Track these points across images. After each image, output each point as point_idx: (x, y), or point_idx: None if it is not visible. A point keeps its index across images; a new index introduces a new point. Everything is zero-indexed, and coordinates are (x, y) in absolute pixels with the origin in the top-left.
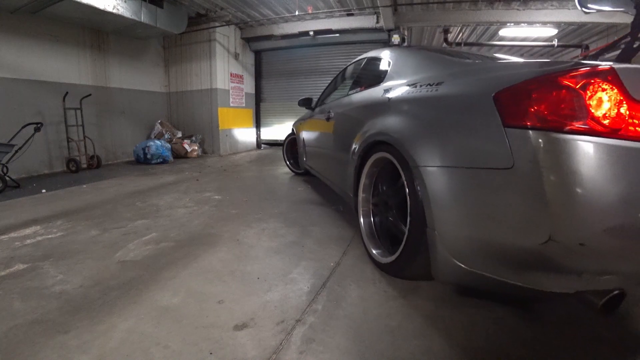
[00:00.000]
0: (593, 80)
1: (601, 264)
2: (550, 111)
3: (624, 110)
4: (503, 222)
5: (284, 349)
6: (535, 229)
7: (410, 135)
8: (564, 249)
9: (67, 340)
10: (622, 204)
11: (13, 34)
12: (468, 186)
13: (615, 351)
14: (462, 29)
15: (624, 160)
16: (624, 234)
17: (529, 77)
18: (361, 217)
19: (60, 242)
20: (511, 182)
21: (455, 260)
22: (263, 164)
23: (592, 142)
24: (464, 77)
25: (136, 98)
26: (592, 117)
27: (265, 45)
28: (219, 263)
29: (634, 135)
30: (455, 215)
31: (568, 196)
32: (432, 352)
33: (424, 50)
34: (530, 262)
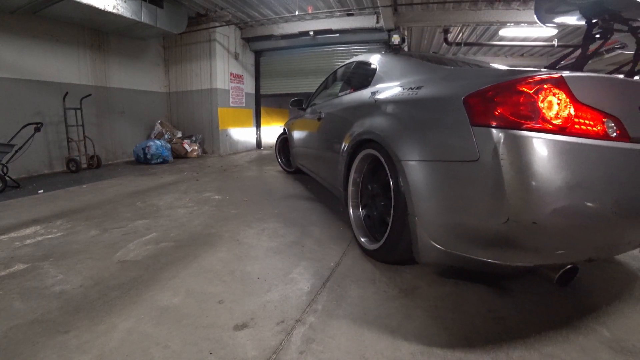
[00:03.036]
0: (545, 86)
1: (552, 241)
2: (509, 112)
3: (571, 111)
4: (471, 207)
5: (284, 349)
6: (497, 211)
7: (394, 133)
8: (521, 227)
9: (67, 340)
10: (567, 189)
11: (13, 34)
12: (442, 177)
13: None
14: (462, 29)
15: (569, 153)
16: (569, 214)
17: (492, 83)
18: (350, 209)
19: (60, 242)
20: (477, 172)
21: (433, 242)
22: (263, 163)
23: (543, 138)
24: (440, 82)
25: (136, 98)
26: (543, 117)
27: (265, 45)
28: (219, 263)
29: (578, 132)
30: (432, 202)
31: (522, 182)
32: (432, 352)
33: (407, 57)
34: (495, 240)
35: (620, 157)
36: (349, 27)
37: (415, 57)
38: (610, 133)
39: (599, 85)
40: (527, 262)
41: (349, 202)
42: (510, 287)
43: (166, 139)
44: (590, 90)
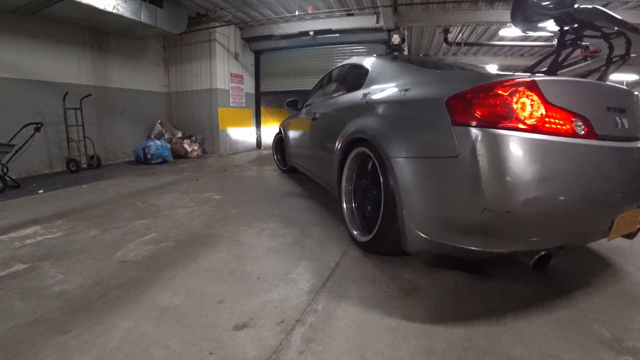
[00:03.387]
0: (519, 89)
1: (525, 228)
2: (487, 113)
3: (542, 111)
4: (452, 198)
5: (284, 349)
6: (474, 202)
7: (383, 133)
8: (496, 216)
9: (67, 340)
10: (538, 182)
11: (13, 34)
12: (427, 172)
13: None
14: (462, 29)
15: (540, 149)
16: (539, 205)
17: (471, 87)
18: (344, 204)
19: (60, 242)
20: (457, 167)
21: (420, 232)
22: (263, 163)
23: (516, 136)
24: (426, 85)
25: (136, 98)
26: (517, 117)
27: (265, 45)
28: (219, 263)
29: (549, 131)
30: (418, 195)
31: (497, 176)
32: (432, 351)
33: (397, 61)
34: (474, 229)
35: (587, 153)
36: (349, 27)
37: (405, 60)
38: (578, 131)
39: (569, 88)
40: (504, 249)
41: (342, 198)
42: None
43: (166, 139)
44: (560, 93)
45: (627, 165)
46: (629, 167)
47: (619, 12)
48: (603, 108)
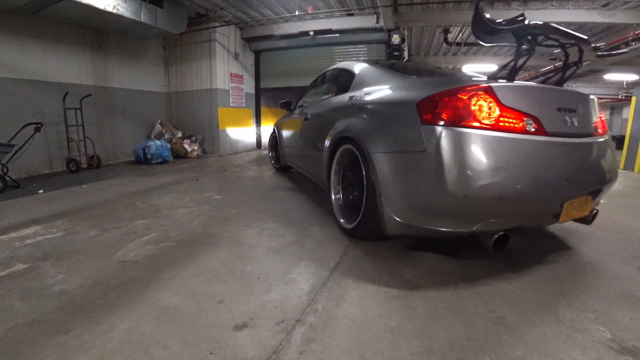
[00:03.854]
0: (477, 94)
1: (482, 211)
2: (449, 114)
3: (497, 112)
4: (421, 186)
5: (284, 349)
6: (439, 188)
7: (366, 131)
8: (457, 199)
9: (67, 340)
10: (490, 171)
11: (13, 34)
12: (400, 164)
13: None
14: (462, 29)
15: (493, 144)
16: (492, 190)
17: (437, 92)
18: (332, 195)
19: (60, 242)
20: (424, 159)
21: (396, 217)
22: (263, 163)
23: (473, 133)
24: (402, 90)
25: (136, 98)
26: (475, 117)
27: (265, 45)
28: (219, 263)
29: (502, 128)
30: (393, 185)
31: (456, 166)
32: (432, 351)
33: (380, 67)
34: (440, 212)
35: (537, 147)
36: (349, 27)
37: (387, 67)
38: (529, 129)
39: (521, 92)
40: (466, 229)
41: (331, 190)
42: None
43: (166, 139)
44: (513, 96)
45: (575, 158)
46: (577, 159)
47: (619, 12)
48: (553, 109)
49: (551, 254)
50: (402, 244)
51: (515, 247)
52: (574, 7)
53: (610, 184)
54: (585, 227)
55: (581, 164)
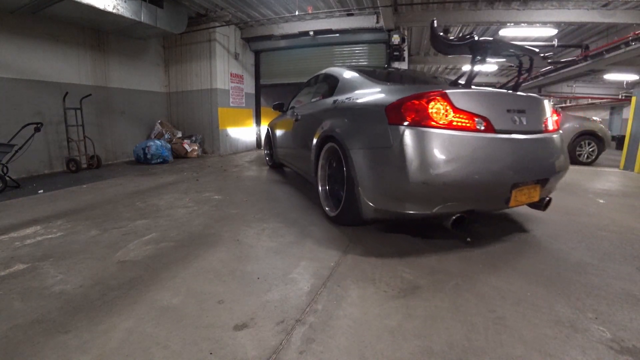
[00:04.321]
0: (434, 99)
1: (439, 195)
2: (411, 116)
3: (451, 114)
4: (389, 176)
5: (284, 349)
6: (403, 177)
7: (346, 131)
8: (417, 186)
9: (67, 340)
10: (444, 162)
11: (13, 34)
12: (373, 158)
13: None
14: (462, 29)
15: (446, 140)
16: (445, 177)
17: (401, 98)
18: (319, 187)
19: (60, 242)
20: (391, 154)
21: (370, 203)
22: (263, 163)
23: (430, 131)
24: (375, 95)
25: (136, 98)
26: (432, 118)
27: (265, 46)
28: (219, 263)
29: (455, 127)
30: (368, 176)
31: (416, 158)
32: (432, 351)
33: (361, 74)
34: (404, 197)
35: (485, 142)
36: (349, 27)
37: (367, 74)
38: (479, 127)
39: (473, 97)
40: (428, 211)
41: (318, 183)
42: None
43: (166, 139)
44: (465, 100)
45: (522, 151)
46: (524, 153)
47: (619, 12)
48: (503, 110)
49: (549, 255)
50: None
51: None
52: (574, 7)
53: (559, 175)
54: (585, 227)
55: (528, 157)
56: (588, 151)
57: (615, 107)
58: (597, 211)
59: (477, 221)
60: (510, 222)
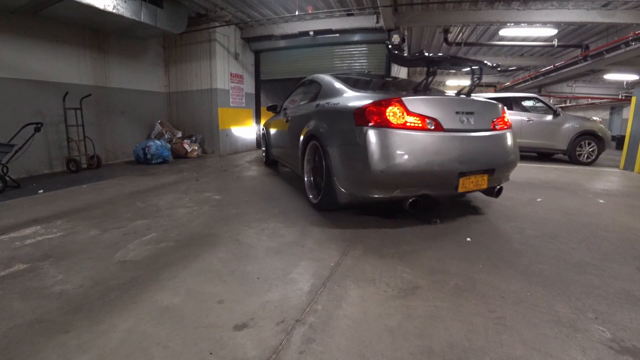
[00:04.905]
0: (391, 104)
1: (395, 182)
2: (372, 118)
3: (405, 116)
4: (356, 167)
5: (284, 349)
6: (366, 168)
7: (324, 130)
8: (377, 174)
9: (67, 340)
10: (398, 155)
11: (13, 34)
12: (344, 153)
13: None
14: (462, 29)
15: (401, 138)
16: (399, 168)
17: (365, 104)
18: (305, 178)
19: (60, 242)
20: (357, 149)
21: (343, 190)
22: (263, 163)
23: (387, 130)
24: (347, 101)
25: (136, 98)
26: (389, 120)
27: (265, 46)
28: (219, 263)
29: (408, 127)
30: (340, 167)
31: (377, 152)
32: (432, 351)
33: (339, 81)
34: (368, 183)
35: (434, 139)
36: (349, 27)
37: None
38: (429, 127)
39: (425, 102)
40: (387, 195)
41: (304, 175)
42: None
43: (166, 139)
44: (418, 105)
45: (469, 146)
46: (470, 147)
47: (619, 12)
48: (452, 112)
49: (549, 255)
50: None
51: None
52: (574, 7)
53: (505, 167)
54: (585, 227)
55: (474, 151)
56: (588, 151)
57: (615, 107)
58: (597, 211)
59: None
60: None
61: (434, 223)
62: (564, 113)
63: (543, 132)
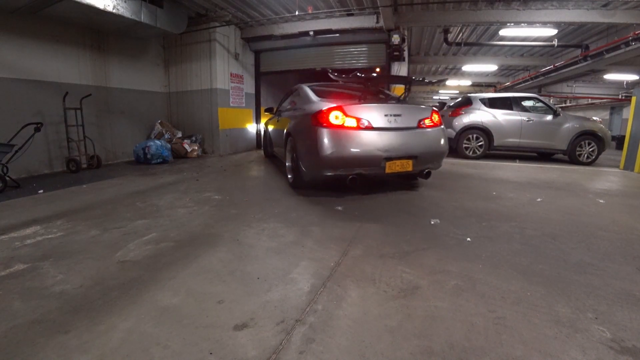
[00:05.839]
0: (334, 110)
1: (336, 164)
2: (321, 120)
3: (344, 119)
4: (312, 154)
5: (284, 349)
6: (317, 154)
7: (295, 128)
8: (323, 158)
9: (67, 340)
10: (337, 145)
11: (13, 34)
12: (306, 145)
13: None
14: (462, 28)
15: (340, 134)
16: (337, 154)
17: (317, 110)
18: (287, 163)
19: (60, 242)
20: (313, 142)
21: (305, 170)
22: (263, 164)
23: (331, 129)
24: (311, 107)
25: (136, 98)
26: (331, 122)
27: (265, 46)
28: (219, 263)
29: (346, 127)
30: (304, 155)
31: (324, 143)
32: (432, 351)
33: (310, 91)
34: (320, 165)
35: (366, 135)
36: (349, 27)
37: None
38: (362, 126)
39: (360, 108)
40: (333, 173)
41: (286, 161)
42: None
43: (166, 139)
44: (354, 111)
45: (394, 139)
46: (394, 140)
47: (619, 12)
48: (381, 115)
49: (549, 255)
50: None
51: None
52: (574, 7)
53: (428, 155)
54: (585, 227)
55: (398, 143)
56: (588, 151)
57: (615, 107)
58: (597, 211)
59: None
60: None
61: (434, 223)
62: (564, 113)
63: (543, 132)
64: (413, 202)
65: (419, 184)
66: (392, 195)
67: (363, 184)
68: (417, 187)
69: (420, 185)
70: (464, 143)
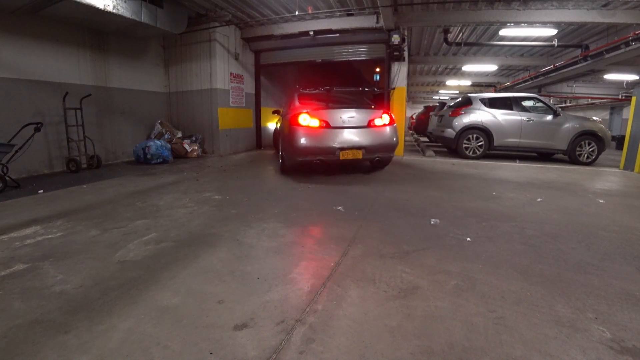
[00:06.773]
0: (303, 113)
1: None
2: (294, 121)
3: (309, 120)
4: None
5: (284, 349)
6: (293, 145)
7: (282, 128)
8: (297, 148)
9: (67, 340)
10: (304, 139)
11: (13, 34)
12: (286, 139)
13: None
14: (462, 28)
15: (306, 131)
16: (304, 145)
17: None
18: (279, 154)
19: (60, 242)
20: (289, 137)
21: (286, 157)
22: (263, 163)
23: (300, 128)
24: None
25: (136, 98)
26: (300, 122)
27: (265, 46)
28: (219, 263)
29: (310, 126)
30: (286, 146)
31: (297, 138)
32: (432, 351)
33: (297, 98)
34: (295, 153)
35: (324, 131)
36: (349, 27)
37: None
38: (322, 125)
39: (322, 112)
40: (304, 158)
41: (279, 152)
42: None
43: (166, 139)
44: (317, 114)
45: (346, 135)
46: (347, 135)
47: (619, 12)
48: (338, 117)
49: (549, 255)
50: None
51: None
52: (574, 7)
53: (375, 146)
54: (585, 227)
55: (349, 137)
56: (588, 151)
57: (615, 107)
58: (597, 211)
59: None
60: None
61: (434, 223)
62: (564, 113)
63: (543, 132)
64: (413, 202)
65: (419, 184)
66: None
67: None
68: (417, 187)
69: (420, 185)
70: (464, 143)
